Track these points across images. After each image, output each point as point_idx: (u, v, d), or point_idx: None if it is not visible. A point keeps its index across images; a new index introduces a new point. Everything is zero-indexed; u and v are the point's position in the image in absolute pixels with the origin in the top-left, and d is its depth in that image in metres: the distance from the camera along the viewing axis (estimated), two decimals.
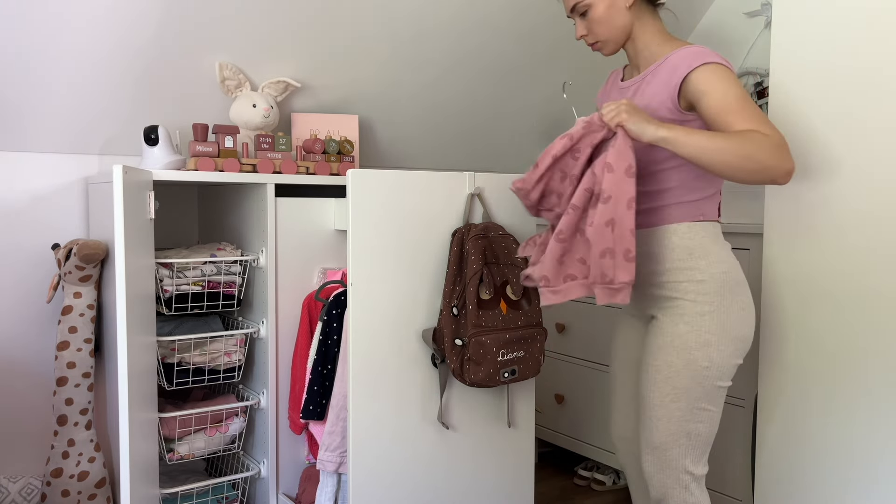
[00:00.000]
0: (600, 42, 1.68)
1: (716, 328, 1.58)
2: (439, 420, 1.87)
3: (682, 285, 1.60)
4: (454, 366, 1.76)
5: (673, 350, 1.59)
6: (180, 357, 2.07)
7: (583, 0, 1.64)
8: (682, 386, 1.59)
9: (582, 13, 1.66)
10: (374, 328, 1.78)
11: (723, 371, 1.60)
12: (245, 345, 2.15)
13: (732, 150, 1.44)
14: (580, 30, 1.68)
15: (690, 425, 1.61)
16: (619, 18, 1.64)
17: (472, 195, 1.88)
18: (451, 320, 1.76)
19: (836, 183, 1.85)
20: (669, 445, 1.62)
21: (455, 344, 1.76)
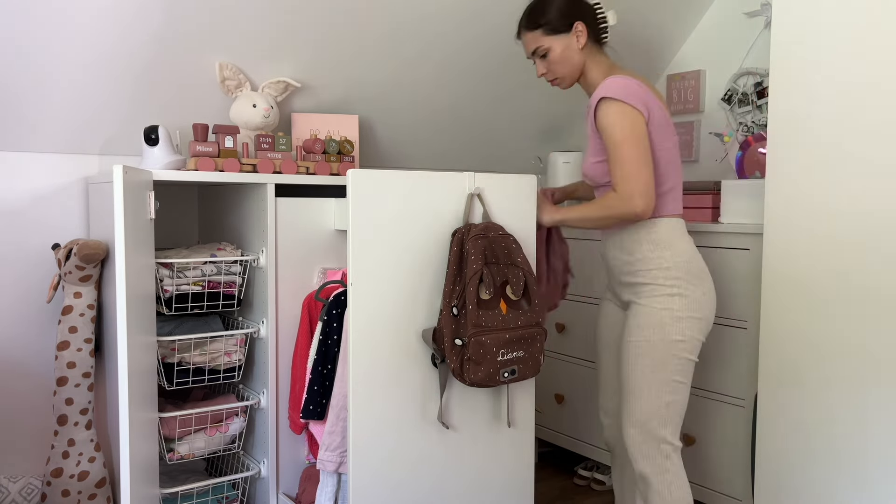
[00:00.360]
0: (559, 78, 1.99)
1: (685, 307, 1.83)
2: (439, 420, 1.87)
3: (652, 272, 1.86)
4: (454, 366, 1.76)
5: (649, 327, 1.84)
6: (180, 357, 2.07)
7: (542, 45, 1.95)
8: (659, 358, 1.83)
9: (542, 55, 1.96)
10: (375, 328, 1.77)
11: (692, 345, 1.85)
12: (245, 345, 2.15)
13: (598, 216, 1.86)
14: (540, 69, 2.00)
15: (668, 396, 1.83)
16: (574, 57, 1.95)
17: (472, 195, 1.88)
18: (451, 320, 1.76)
19: (836, 183, 1.85)
20: (650, 416, 1.84)
21: (455, 344, 1.76)
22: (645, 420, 1.84)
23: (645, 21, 2.81)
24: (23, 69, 2.00)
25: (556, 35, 1.94)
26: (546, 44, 1.95)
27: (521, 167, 3.19)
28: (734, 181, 2.35)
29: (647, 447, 1.84)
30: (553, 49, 1.94)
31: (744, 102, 2.75)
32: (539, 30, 1.96)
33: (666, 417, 1.84)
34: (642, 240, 1.88)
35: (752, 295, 2.20)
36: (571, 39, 1.94)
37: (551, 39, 1.95)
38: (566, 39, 1.94)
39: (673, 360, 1.83)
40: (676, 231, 1.89)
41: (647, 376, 1.83)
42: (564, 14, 1.95)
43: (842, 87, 1.83)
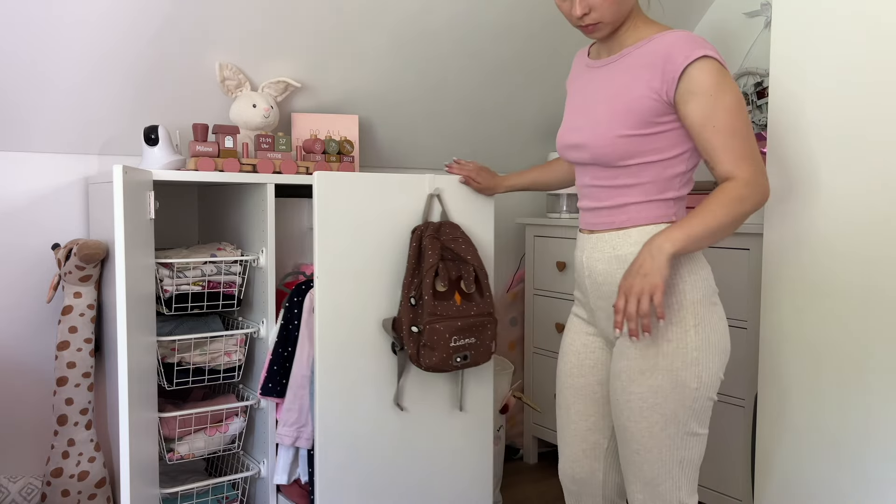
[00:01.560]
0: (601, 23, 1.47)
1: (702, 343, 1.44)
2: (395, 402, 2.01)
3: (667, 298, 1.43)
4: (411, 351, 1.89)
5: (658, 373, 1.43)
6: (180, 357, 2.07)
7: None
8: (671, 411, 1.44)
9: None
10: (339, 318, 1.91)
11: (711, 388, 1.47)
12: (245, 345, 2.15)
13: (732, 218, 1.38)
14: (581, 6, 1.44)
15: (682, 453, 1.47)
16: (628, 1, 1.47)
17: (431, 195, 2.02)
18: (409, 310, 1.89)
19: (836, 183, 1.85)
20: (662, 479, 1.48)
21: (412, 331, 1.89)
22: (656, 483, 1.48)
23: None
24: (23, 69, 2.00)
25: None
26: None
27: (522, 167, 3.19)
28: None
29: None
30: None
31: None
32: None
33: (680, 477, 1.48)
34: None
35: (752, 295, 2.20)
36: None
37: None
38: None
39: (687, 412, 1.45)
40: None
41: (657, 434, 1.45)
42: None
43: (842, 87, 1.83)
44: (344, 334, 1.92)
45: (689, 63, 1.39)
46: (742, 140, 1.39)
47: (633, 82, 1.45)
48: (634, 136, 1.44)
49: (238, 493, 2.20)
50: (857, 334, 1.83)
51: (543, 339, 2.94)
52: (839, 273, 1.85)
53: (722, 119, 1.39)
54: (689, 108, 1.41)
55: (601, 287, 1.53)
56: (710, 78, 1.39)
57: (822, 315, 1.89)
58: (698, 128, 1.41)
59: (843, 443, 1.86)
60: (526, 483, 2.86)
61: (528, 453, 3.08)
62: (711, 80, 1.39)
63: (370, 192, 1.93)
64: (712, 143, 1.40)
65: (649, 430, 1.46)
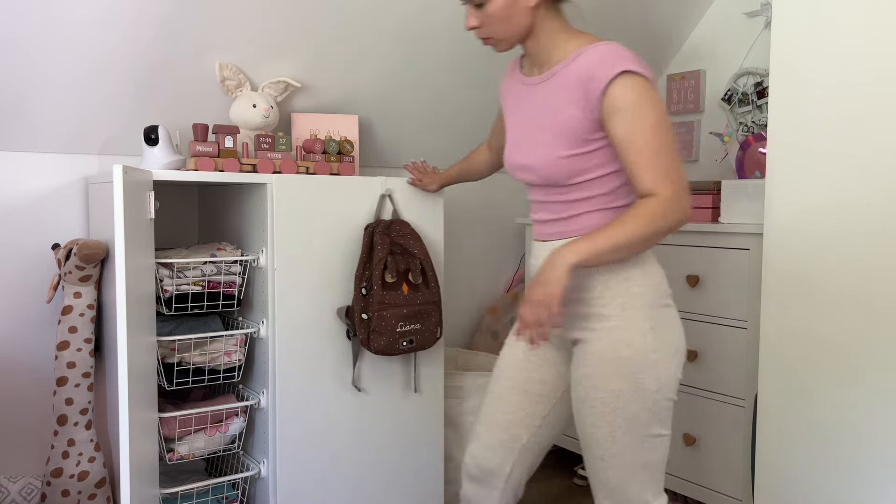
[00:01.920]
0: (494, 39, 1.50)
1: (660, 345, 1.45)
2: (353, 384, 2.18)
3: (618, 301, 1.45)
4: (362, 337, 2.07)
5: (619, 377, 1.44)
6: (180, 357, 2.06)
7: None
8: (633, 415, 1.45)
9: (478, 4, 1.47)
10: (297, 307, 2.09)
11: (670, 389, 1.48)
12: (245, 345, 2.15)
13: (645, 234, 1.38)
14: (472, 20, 1.48)
15: (646, 455, 1.48)
16: (520, 18, 1.46)
17: (383, 195, 2.19)
18: (361, 299, 2.06)
19: (836, 182, 1.85)
20: (628, 483, 1.49)
21: (363, 318, 2.06)
22: (622, 488, 1.50)
23: (645, 21, 2.81)
24: (23, 69, 2.00)
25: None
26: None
27: None
28: (734, 181, 2.35)
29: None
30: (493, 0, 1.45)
31: (744, 102, 2.75)
32: None
33: (645, 480, 1.50)
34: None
35: (752, 295, 2.20)
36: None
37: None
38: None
39: (649, 415, 1.46)
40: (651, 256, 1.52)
41: (620, 439, 1.47)
42: None
43: (842, 86, 1.83)
44: (302, 321, 2.10)
45: (610, 80, 1.38)
46: (664, 157, 1.38)
47: (564, 103, 1.46)
48: (575, 156, 1.46)
49: (238, 494, 2.20)
50: (856, 334, 1.83)
51: None
52: (839, 273, 1.85)
53: (643, 136, 1.38)
54: (612, 125, 1.41)
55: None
56: (630, 94, 1.38)
57: (821, 315, 1.89)
58: (621, 145, 1.41)
59: (842, 443, 1.86)
60: (526, 483, 2.86)
61: None
62: (632, 96, 1.38)
63: (326, 193, 2.11)
64: (634, 160, 1.39)
65: (612, 434, 1.47)
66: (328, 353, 2.14)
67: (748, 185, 2.31)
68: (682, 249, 2.40)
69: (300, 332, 2.10)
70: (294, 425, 2.12)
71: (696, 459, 2.39)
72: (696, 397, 2.38)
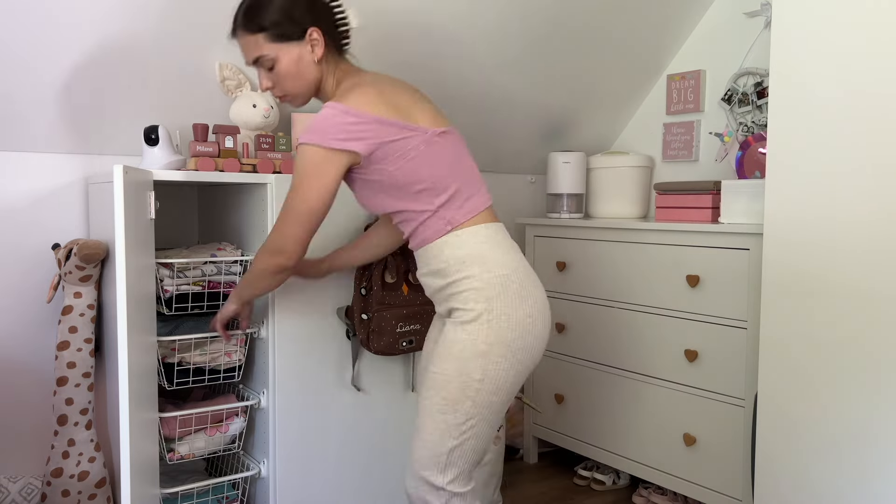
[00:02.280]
0: (289, 96, 1.65)
1: (493, 338, 1.51)
2: (353, 384, 2.18)
3: (464, 294, 1.55)
4: (362, 337, 2.07)
5: (450, 358, 1.54)
6: (180, 357, 2.06)
7: (265, 55, 1.58)
8: (452, 397, 1.53)
9: (268, 67, 1.61)
10: (297, 307, 2.09)
11: (497, 385, 1.53)
12: (245, 345, 2.15)
13: (254, 279, 1.70)
14: (265, 82, 1.63)
15: (452, 441, 1.54)
16: (308, 73, 1.61)
17: None
18: (360, 299, 2.07)
19: (836, 183, 1.85)
20: (427, 461, 1.56)
21: (362, 318, 2.06)
22: (421, 465, 1.57)
23: (645, 21, 2.81)
24: (22, 69, 2.00)
25: (284, 42, 1.57)
26: (270, 53, 1.58)
27: (522, 167, 3.20)
28: (734, 181, 2.35)
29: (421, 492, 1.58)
30: (280, 60, 1.58)
31: (744, 102, 2.75)
32: (261, 34, 1.57)
33: (447, 464, 1.55)
34: (449, 257, 1.58)
35: (752, 295, 2.20)
36: (304, 49, 1.58)
37: (277, 48, 1.57)
38: (298, 49, 1.58)
39: (467, 403, 1.53)
40: (492, 241, 1.59)
41: (435, 416, 1.55)
42: (292, 17, 1.56)
43: (842, 86, 1.83)
44: (303, 321, 2.10)
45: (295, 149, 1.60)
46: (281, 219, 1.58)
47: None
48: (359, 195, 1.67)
49: (238, 493, 2.20)
50: (856, 334, 1.83)
51: None
52: (839, 273, 1.85)
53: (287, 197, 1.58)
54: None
55: (431, 296, 1.68)
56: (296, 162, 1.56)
57: (821, 314, 1.89)
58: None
59: (843, 442, 1.86)
60: (526, 483, 2.86)
61: (528, 453, 3.08)
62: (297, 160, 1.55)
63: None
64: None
65: (429, 409, 1.56)
66: (328, 353, 2.15)
67: (748, 185, 2.31)
68: (682, 249, 2.40)
69: (300, 332, 2.09)
70: (294, 425, 2.12)
71: (696, 459, 2.39)
72: (696, 397, 2.38)
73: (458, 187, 1.60)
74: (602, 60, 2.88)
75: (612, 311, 2.65)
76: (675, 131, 2.99)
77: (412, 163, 1.57)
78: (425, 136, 1.58)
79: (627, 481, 2.84)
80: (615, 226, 2.62)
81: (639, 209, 2.94)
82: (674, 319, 2.44)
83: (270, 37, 1.57)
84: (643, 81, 3.07)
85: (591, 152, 3.22)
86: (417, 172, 1.58)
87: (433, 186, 1.59)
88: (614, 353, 2.65)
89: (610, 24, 2.75)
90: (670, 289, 2.44)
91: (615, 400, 2.66)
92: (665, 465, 2.50)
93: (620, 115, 3.18)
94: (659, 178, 3.07)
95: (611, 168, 2.93)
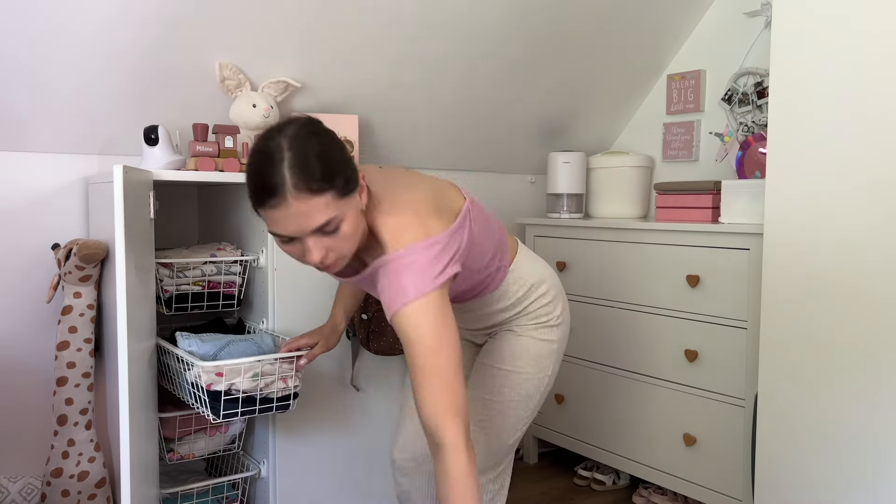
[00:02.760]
0: (340, 260, 1.32)
1: (561, 335, 1.70)
2: (352, 384, 2.19)
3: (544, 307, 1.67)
4: (362, 337, 2.09)
5: (527, 357, 1.65)
6: (229, 384, 2.06)
7: (336, 216, 1.26)
8: (527, 394, 1.67)
9: (332, 230, 1.28)
10: (297, 307, 2.11)
11: (555, 377, 1.73)
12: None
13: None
14: (317, 253, 1.28)
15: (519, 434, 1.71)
16: (362, 225, 1.34)
17: None
18: None
19: (836, 182, 1.85)
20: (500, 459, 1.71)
21: (362, 318, 2.07)
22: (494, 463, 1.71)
23: (645, 21, 2.81)
24: (22, 69, 2.00)
25: (349, 196, 1.28)
26: (340, 212, 1.26)
27: (521, 167, 3.19)
28: (734, 181, 2.35)
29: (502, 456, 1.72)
30: (347, 219, 1.28)
31: (744, 102, 2.75)
32: (332, 191, 1.25)
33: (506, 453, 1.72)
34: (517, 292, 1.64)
35: (752, 295, 2.20)
36: (356, 200, 1.31)
37: (344, 204, 1.27)
38: (355, 201, 1.31)
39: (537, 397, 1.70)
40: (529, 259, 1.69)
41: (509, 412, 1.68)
42: (350, 162, 1.30)
43: (842, 86, 1.83)
44: (303, 321, 2.10)
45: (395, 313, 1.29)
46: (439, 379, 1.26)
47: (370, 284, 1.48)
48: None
49: (238, 494, 2.20)
50: (857, 334, 1.83)
51: None
52: (839, 273, 1.85)
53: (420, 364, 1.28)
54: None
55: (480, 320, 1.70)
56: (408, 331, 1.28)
57: (822, 314, 1.89)
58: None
59: (843, 443, 1.86)
60: (526, 483, 2.86)
61: (528, 453, 3.08)
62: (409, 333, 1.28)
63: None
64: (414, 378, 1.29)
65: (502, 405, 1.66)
66: (328, 353, 2.14)
67: (748, 185, 2.31)
68: (682, 249, 2.40)
69: (300, 331, 2.09)
70: (294, 425, 2.12)
71: (696, 459, 2.39)
72: (696, 397, 2.38)
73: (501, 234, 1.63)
74: (602, 60, 2.88)
75: (612, 311, 2.65)
76: (675, 131, 2.99)
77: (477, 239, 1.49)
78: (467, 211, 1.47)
79: (627, 481, 2.84)
80: (615, 226, 2.62)
81: (639, 209, 2.94)
82: (674, 319, 2.44)
83: (340, 192, 1.26)
84: (643, 81, 3.06)
85: (591, 152, 3.22)
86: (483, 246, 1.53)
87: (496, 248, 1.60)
88: (614, 353, 2.65)
89: (610, 24, 2.75)
90: (670, 289, 2.44)
91: (615, 400, 2.66)
92: (665, 465, 2.50)
93: (620, 115, 3.18)
94: (659, 178, 3.07)
95: (611, 168, 2.93)
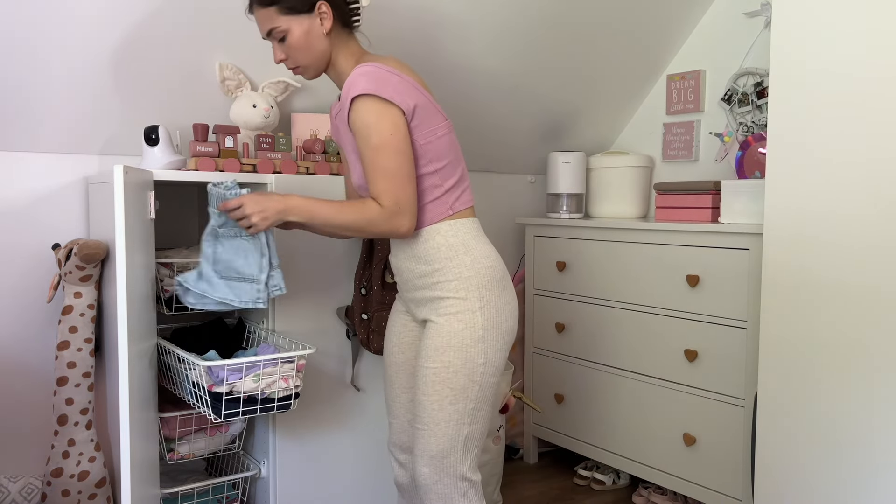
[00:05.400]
0: (301, 67, 1.70)
1: (488, 323, 1.62)
2: (352, 384, 2.19)
3: (452, 283, 1.62)
4: (362, 336, 2.09)
5: (451, 350, 1.61)
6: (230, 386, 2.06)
7: (278, 26, 1.65)
8: (460, 386, 1.61)
9: (280, 38, 1.67)
10: (297, 307, 2.10)
11: (496, 366, 1.65)
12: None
13: (352, 226, 1.59)
14: (278, 54, 1.70)
15: (467, 428, 1.63)
16: (318, 44, 1.67)
17: None
18: (360, 299, 2.08)
19: (836, 183, 1.85)
20: (448, 452, 1.62)
21: (362, 318, 2.07)
22: (442, 456, 1.62)
23: (645, 21, 2.81)
24: (22, 69, 2.00)
25: (295, 15, 1.64)
26: (283, 25, 1.65)
27: (522, 167, 3.20)
28: (734, 181, 2.35)
29: (444, 486, 1.63)
30: (292, 32, 1.65)
31: (744, 102, 2.75)
32: (273, 7, 1.65)
33: (464, 452, 1.63)
34: (440, 245, 1.64)
35: (752, 295, 2.20)
36: (314, 22, 1.65)
37: (289, 20, 1.65)
38: (308, 21, 1.65)
39: (475, 388, 1.62)
40: (476, 233, 1.68)
41: (446, 408, 1.61)
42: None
43: (842, 86, 1.83)
44: (304, 321, 2.10)
45: (349, 107, 1.58)
46: (382, 177, 1.56)
47: (346, 127, 1.66)
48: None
49: (238, 493, 2.20)
50: (856, 334, 1.83)
51: (543, 339, 2.94)
52: (839, 273, 1.85)
53: (368, 157, 1.57)
54: (356, 143, 1.61)
55: (407, 282, 1.71)
56: (360, 118, 1.57)
57: (821, 315, 1.89)
58: (361, 160, 1.61)
59: (843, 443, 1.86)
60: (526, 483, 2.86)
61: (528, 453, 3.08)
62: (361, 120, 1.57)
63: (327, 193, 2.09)
64: (366, 174, 1.60)
65: (439, 403, 1.61)
66: (328, 352, 2.15)
67: (748, 185, 2.31)
68: (682, 249, 2.40)
69: (300, 331, 2.10)
70: (294, 425, 2.12)
71: (696, 459, 2.39)
72: (696, 397, 2.38)
73: (462, 175, 1.70)
74: (602, 60, 2.88)
75: (612, 311, 2.65)
76: (675, 131, 2.99)
77: (440, 140, 1.64)
78: (447, 122, 1.67)
79: (627, 481, 2.84)
80: (615, 226, 2.62)
81: (639, 209, 2.94)
82: (674, 319, 2.44)
83: (282, 9, 1.63)
84: (643, 81, 3.07)
85: (591, 152, 3.22)
86: (441, 150, 1.64)
87: (449, 167, 1.66)
88: (614, 353, 2.65)
89: (610, 23, 2.75)
90: (670, 289, 2.44)
91: (615, 400, 2.66)
92: (665, 464, 2.50)
93: (620, 115, 3.18)
94: (659, 178, 3.07)
95: (611, 168, 2.93)
